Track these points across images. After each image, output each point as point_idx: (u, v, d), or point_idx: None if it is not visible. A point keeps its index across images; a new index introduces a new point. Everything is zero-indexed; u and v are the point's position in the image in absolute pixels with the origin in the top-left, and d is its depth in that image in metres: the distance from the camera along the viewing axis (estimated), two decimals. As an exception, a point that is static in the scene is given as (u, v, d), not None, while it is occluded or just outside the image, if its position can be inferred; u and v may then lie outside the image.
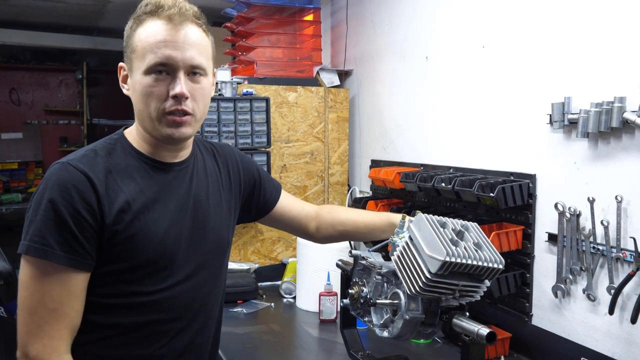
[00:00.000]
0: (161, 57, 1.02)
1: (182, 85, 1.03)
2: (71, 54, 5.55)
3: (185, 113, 1.05)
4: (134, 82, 1.07)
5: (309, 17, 2.60)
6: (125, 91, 1.12)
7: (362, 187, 2.55)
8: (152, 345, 1.09)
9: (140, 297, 1.07)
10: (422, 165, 2.05)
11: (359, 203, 2.24)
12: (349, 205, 2.50)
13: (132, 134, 1.14)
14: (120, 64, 1.11)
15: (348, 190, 2.58)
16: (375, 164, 2.39)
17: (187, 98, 1.04)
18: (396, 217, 1.29)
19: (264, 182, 1.40)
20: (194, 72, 1.06)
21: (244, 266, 2.22)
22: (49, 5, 3.72)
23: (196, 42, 1.06)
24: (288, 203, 1.43)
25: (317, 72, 2.54)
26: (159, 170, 1.13)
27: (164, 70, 1.03)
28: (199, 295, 1.17)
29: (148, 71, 1.03)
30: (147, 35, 1.03)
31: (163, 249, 1.08)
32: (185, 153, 1.17)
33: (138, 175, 1.09)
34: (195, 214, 1.16)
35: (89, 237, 1.00)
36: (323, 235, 1.44)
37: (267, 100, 2.28)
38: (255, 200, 1.38)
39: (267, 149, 2.32)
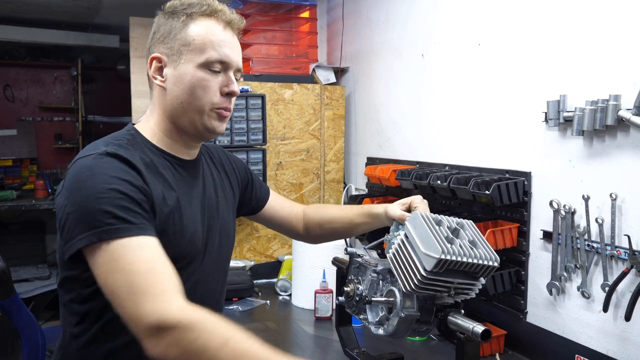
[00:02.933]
0: (222, 55, 1.09)
1: (236, 84, 1.12)
2: (66, 51, 5.51)
3: (228, 110, 1.13)
4: (180, 74, 1.08)
5: (305, 14, 2.60)
6: (158, 82, 1.11)
7: (358, 184, 2.55)
8: None
9: None
10: (417, 162, 2.05)
11: (354, 200, 2.24)
12: (344, 203, 2.50)
13: (150, 129, 1.14)
14: (156, 55, 1.11)
15: (344, 188, 2.58)
16: (371, 161, 2.39)
17: (236, 96, 1.13)
18: (376, 208, 1.35)
19: (255, 181, 1.44)
20: (236, 75, 1.14)
21: (240, 264, 2.22)
22: (44, 1, 3.70)
23: (240, 50, 1.15)
24: (277, 203, 1.47)
25: (313, 70, 2.54)
26: (180, 167, 1.14)
27: (220, 68, 1.09)
28: (212, 292, 1.19)
29: (205, 65, 1.08)
30: (208, 33, 1.08)
31: (191, 246, 1.10)
32: (196, 151, 1.21)
33: (164, 170, 1.09)
34: (210, 211, 1.18)
35: (150, 214, 1.00)
36: (313, 235, 1.48)
37: (262, 97, 2.28)
38: (247, 198, 1.42)
39: (263, 147, 2.31)
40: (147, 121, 1.15)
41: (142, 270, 0.89)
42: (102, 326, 1.04)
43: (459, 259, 1.03)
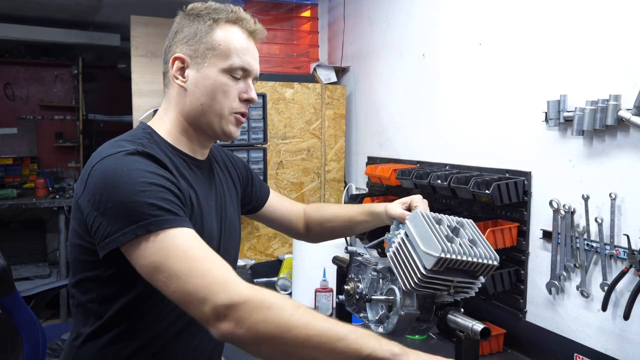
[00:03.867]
0: (245, 62, 1.12)
1: (254, 92, 1.15)
2: (67, 49, 5.51)
3: (245, 116, 1.16)
4: (203, 77, 1.10)
5: (306, 14, 2.60)
6: (179, 82, 1.12)
7: (359, 184, 2.55)
8: (185, 340, 1.10)
9: None
10: (418, 162, 2.06)
11: (355, 200, 2.24)
12: (345, 202, 2.50)
13: (165, 128, 1.13)
14: (180, 55, 1.11)
15: (344, 187, 2.58)
16: (371, 160, 2.39)
17: (254, 103, 1.17)
18: (377, 207, 1.36)
19: (255, 180, 1.45)
20: (253, 83, 1.17)
21: (240, 262, 2.23)
22: (45, -1, 3.70)
23: (258, 59, 1.19)
24: (278, 202, 1.48)
25: (314, 69, 2.54)
26: (195, 166, 1.16)
27: (241, 75, 1.12)
28: None
29: (228, 71, 1.10)
30: (233, 39, 1.11)
31: (209, 243, 1.09)
32: (207, 152, 1.22)
33: (183, 170, 1.10)
34: (221, 210, 1.20)
35: (186, 205, 1.01)
36: (313, 234, 1.49)
37: (264, 96, 2.28)
38: (248, 197, 1.43)
39: (264, 146, 2.31)
40: (162, 120, 1.15)
41: (199, 257, 0.88)
42: (126, 327, 1.04)
43: (459, 257, 1.03)
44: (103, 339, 1.04)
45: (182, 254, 0.88)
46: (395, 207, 1.29)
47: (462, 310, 1.13)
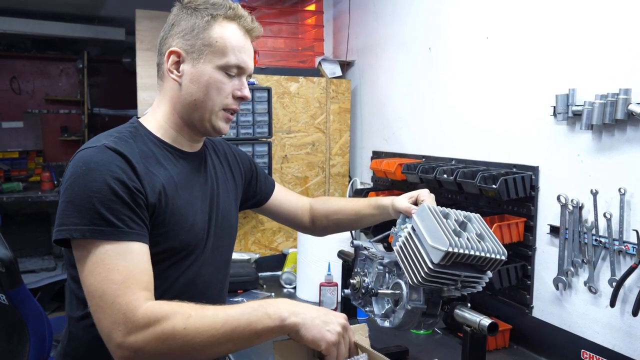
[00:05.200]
0: (241, 60, 1.12)
1: (247, 89, 1.16)
2: (72, 43, 5.52)
3: (235, 112, 1.17)
4: (198, 72, 1.10)
5: (311, 7, 2.59)
6: (174, 76, 1.12)
7: (363, 178, 2.54)
8: None
9: (167, 283, 1.09)
10: (423, 156, 2.05)
11: (360, 194, 2.23)
12: (349, 197, 2.49)
13: (155, 122, 1.16)
14: (175, 49, 1.11)
15: (349, 182, 2.57)
16: (376, 155, 2.38)
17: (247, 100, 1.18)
18: (383, 200, 1.36)
19: (259, 174, 1.46)
20: (247, 80, 1.18)
21: (245, 256, 2.23)
22: (50, -7, 3.70)
23: (253, 57, 1.19)
24: (283, 196, 1.49)
25: (319, 63, 2.53)
26: (182, 159, 1.16)
27: (236, 72, 1.13)
28: (215, 281, 1.21)
29: (223, 68, 1.11)
30: (231, 37, 1.12)
31: (192, 235, 1.12)
32: (200, 145, 1.23)
33: (165, 161, 1.11)
34: (212, 202, 1.20)
35: (143, 209, 1.01)
36: (319, 227, 1.49)
37: (268, 90, 2.27)
38: (252, 191, 1.43)
39: (269, 140, 2.31)
40: (154, 112, 1.16)
41: (116, 280, 0.93)
42: None
43: (467, 251, 1.03)
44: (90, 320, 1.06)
45: (103, 273, 0.93)
46: (402, 201, 1.28)
47: (469, 304, 1.12)
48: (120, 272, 0.93)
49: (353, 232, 1.85)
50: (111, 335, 0.90)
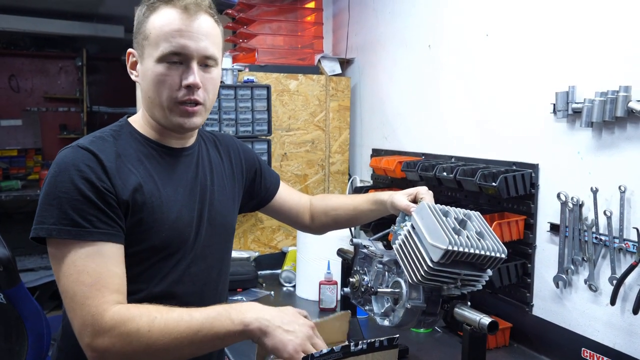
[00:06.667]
0: (176, 46, 1.02)
1: (195, 75, 1.04)
2: (71, 41, 5.50)
3: (197, 103, 1.07)
4: (144, 69, 1.07)
5: (311, 5, 2.57)
6: (133, 77, 1.11)
7: (363, 176, 2.54)
8: None
9: (153, 282, 1.07)
10: (423, 154, 2.04)
11: (359, 192, 2.23)
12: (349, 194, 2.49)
13: (138, 121, 1.15)
14: (130, 50, 1.10)
15: (349, 180, 2.57)
16: (376, 153, 2.38)
17: (199, 88, 1.06)
18: (382, 195, 1.33)
19: (264, 172, 1.43)
20: (206, 62, 1.07)
21: (244, 254, 2.22)
22: (48, -10, 3.69)
23: (209, 33, 1.06)
24: (287, 194, 1.47)
25: (319, 60, 2.52)
26: (167, 155, 1.14)
27: (178, 59, 1.04)
28: (208, 280, 1.19)
29: (161, 59, 1.04)
30: (162, 24, 1.03)
31: (176, 232, 1.09)
32: (191, 140, 1.20)
33: (146, 159, 1.09)
34: (202, 199, 1.18)
35: (115, 208, 1.00)
36: (317, 225, 1.48)
37: (268, 88, 2.27)
38: (257, 189, 1.41)
39: (268, 137, 2.30)
40: (140, 111, 1.16)
41: (87, 282, 0.94)
42: None
43: (466, 250, 1.02)
44: None
45: (74, 275, 0.95)
46: (401, 199, 1.27)
47: (469, 303, 1.12)
48: (90, 274, 0.94)
49: (352, 230, 1.84)
50: (81, 335, 0.93)
